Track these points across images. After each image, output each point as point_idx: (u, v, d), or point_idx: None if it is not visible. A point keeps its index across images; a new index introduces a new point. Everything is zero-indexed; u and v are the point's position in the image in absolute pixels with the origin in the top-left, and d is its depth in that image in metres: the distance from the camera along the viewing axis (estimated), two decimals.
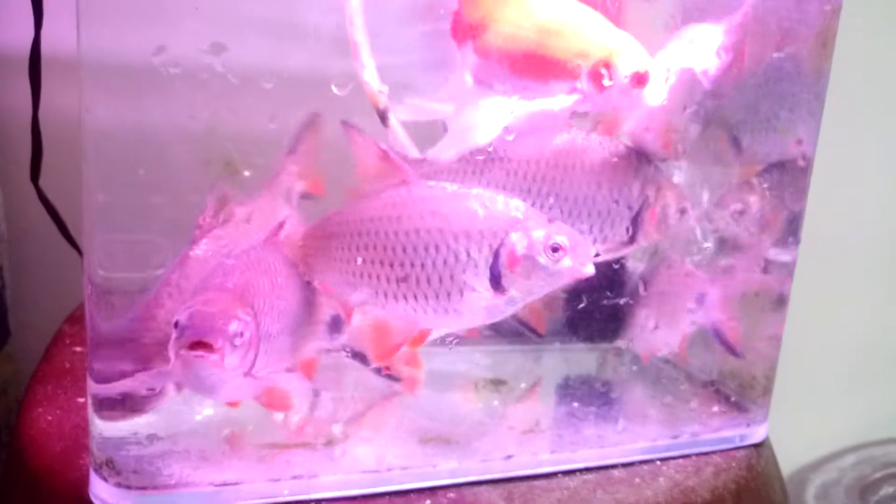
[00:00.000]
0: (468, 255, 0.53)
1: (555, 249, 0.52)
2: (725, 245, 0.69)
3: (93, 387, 0.54)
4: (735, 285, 0.70)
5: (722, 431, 0.68)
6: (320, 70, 0.55)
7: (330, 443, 0.59)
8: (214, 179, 0.57)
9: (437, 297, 0.53)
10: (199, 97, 0.52)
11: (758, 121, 0.67)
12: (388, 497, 0.57)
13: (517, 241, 0.52)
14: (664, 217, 0.62)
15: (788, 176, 0.68)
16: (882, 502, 1.15)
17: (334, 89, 0.54)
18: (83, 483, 0.55)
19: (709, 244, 0.69)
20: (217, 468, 0.55)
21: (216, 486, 0.54)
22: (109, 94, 0.50)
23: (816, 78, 0.67)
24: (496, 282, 0.52)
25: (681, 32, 0.62)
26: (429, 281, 0.53)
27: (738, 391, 0.71)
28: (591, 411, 0.66)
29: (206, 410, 0.59)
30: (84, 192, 0.52)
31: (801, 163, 0.68)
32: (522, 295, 0.53)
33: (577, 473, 0.62)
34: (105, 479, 0.53)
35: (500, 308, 0.54)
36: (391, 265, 0.53)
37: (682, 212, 0.63)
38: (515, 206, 0.54)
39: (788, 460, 1.19)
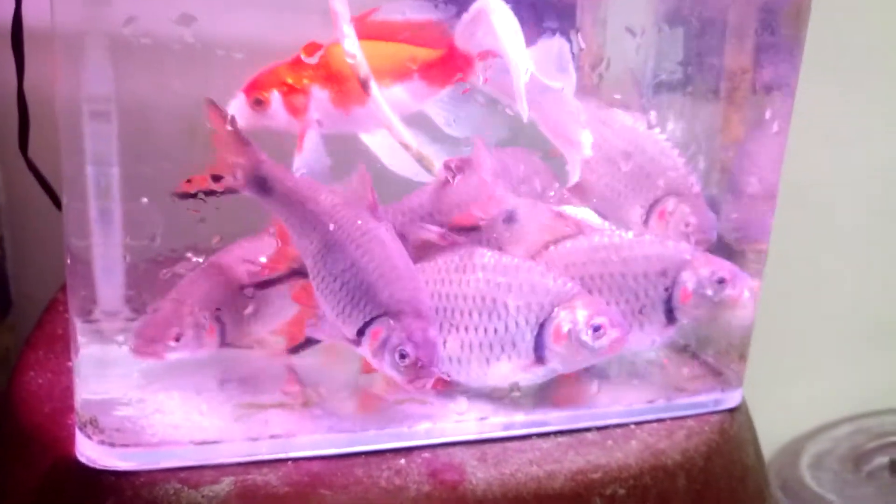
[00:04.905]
0: None
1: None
2: None
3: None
4: None
5: (696, 396, 0.69)
6: (295, 40, 0.56)
7: (307, 403, 0.61)
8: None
9: None
10: (171, 68, 0.53)
11: None
12: (363, 456, 0.58)
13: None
14: None
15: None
16: (875, 471, 1.15)
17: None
18: (70, 441, 0.57)
19: None
20: (197, 427, 0.58)
21: (196, 444, 0.56)
22: (83, 64, 0.52)
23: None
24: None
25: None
26: None
27: (714, 356, 0.72)
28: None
29: None
30: (62, 162, 0.53)
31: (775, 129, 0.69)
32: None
33: (551, 436, 0.63)
34: (89, 437, 0.56)
35: None
36: None
37: None
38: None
39: (782, 430, 1.20)
